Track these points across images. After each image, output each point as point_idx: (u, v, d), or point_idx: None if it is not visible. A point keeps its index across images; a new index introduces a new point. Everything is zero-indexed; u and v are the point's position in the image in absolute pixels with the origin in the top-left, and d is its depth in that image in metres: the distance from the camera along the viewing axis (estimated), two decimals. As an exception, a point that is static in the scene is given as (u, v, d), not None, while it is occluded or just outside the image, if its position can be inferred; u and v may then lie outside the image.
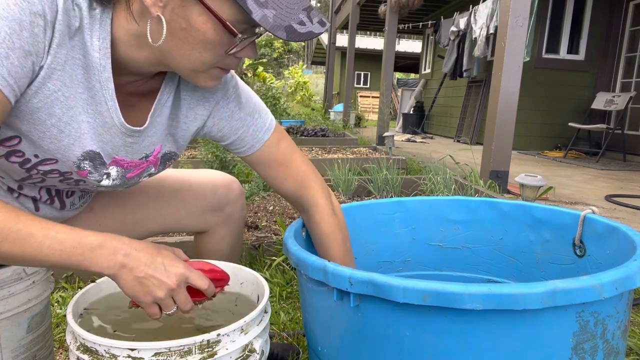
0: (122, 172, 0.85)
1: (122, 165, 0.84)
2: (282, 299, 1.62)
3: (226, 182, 1.10)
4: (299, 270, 0.84)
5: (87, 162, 0.78)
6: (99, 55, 0.71)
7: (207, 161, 3.28)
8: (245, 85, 0.96)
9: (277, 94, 8.50)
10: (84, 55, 0.70)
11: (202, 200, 1.07)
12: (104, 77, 0.72)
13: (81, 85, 0.71)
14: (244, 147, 0.93)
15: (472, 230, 1.20)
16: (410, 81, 14.43)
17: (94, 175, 0.81)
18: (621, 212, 3.01)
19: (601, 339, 0.67)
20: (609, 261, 0.93)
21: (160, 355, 0.63)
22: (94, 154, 0.78)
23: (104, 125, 0.77)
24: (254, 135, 0.93)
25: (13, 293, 0.79)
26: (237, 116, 0.91)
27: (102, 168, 0.81)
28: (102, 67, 0.72)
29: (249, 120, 0.92)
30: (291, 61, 34.14)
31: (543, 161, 5.59)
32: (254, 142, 0.93)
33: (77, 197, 0.94)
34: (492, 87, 3.24)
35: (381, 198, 1.84)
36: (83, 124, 0.74)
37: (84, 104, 0.73)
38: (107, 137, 0.78)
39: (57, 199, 0.89)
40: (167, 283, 0.68)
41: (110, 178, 0.84)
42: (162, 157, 0.90)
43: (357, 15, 9.11)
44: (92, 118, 0.75)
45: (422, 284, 0.63)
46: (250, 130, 0.92)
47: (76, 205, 0.94)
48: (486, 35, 5.99)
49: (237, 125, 0.91)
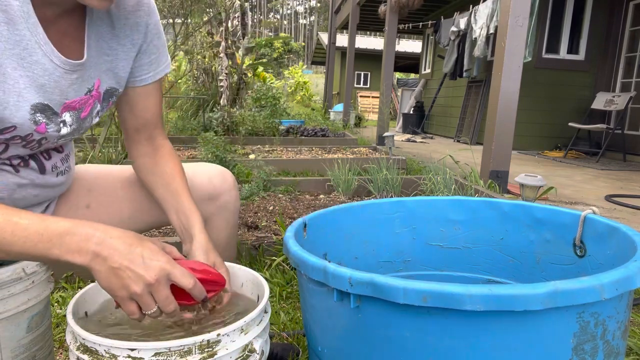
0: (75, 114, 0.84)
1: (74, 107, 0.83)
2: (282, 299, 1.62)
3: (220, 172, 1.13)
4: (299, 271, 0.84)
5: (39, 114, 0.76)
6: (19, 3, 0.68)
7: (207, 161, 3.29)
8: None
9: (277, 94, 8.49)
10: (3, 9, 0.67)
11: (199, 189, 1.08)
12: (30, 22, 0.70)
13: (9, 41, 0.69)
14: (149, 73, 0.95)
15: (473, 230, 1.20)
16: (410, 81, 14.43)
17: (51, 127, 0.80)
18: (621, 212, 3.01)
19: (601, 339, 0.67)
20: (609, 261, 0.93)
21: (160, 355, 0.63)
22: (42, 106, 0.76)
23: (44, 74, 0.75)
24: (158, 64, 0.96)
25: (12, 293, 0.79)
26: (158, 42, 0.95)
27: (56, 117, 0.80)
28: (26, 14, 0.69)
29: (162, 50, 0.96)
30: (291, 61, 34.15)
31: (543, 161, 5.59)
32: (157, 71, 0.97)
33: (59, 160, 0.93)
34: (492, 87, 3.24)
35: (381, 198, 1.84)
36: (20, 79, 0.72)
37: (17, 59, 0.70)
38: (52, 84, 0.76)
39: (32, 161, 0.86)
40: (144, 276, 0.63)
41: (67, 125, 0.83)
42: (104, 94, 0.90)
43: (357, 15, 9.11)
44: (30, 71, 0.73)
45: (423, 284, 0.62)
46: (161, 59, 0.97)
47: (59, 169, 0.93)
48: (486, 35, 5.99)
49: (154, 50, 0.95)
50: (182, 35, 7.12)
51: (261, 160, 3.35)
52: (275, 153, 4.87)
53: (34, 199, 0.91)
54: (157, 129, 1.02)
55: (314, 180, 3.34)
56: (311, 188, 3.30)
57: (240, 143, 5.32)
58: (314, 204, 2.83)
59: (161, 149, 1.01)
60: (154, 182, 0.98)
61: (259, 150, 4.74)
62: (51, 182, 0.92)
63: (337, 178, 3.17)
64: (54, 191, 0.95)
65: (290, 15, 75.17)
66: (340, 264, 1.11)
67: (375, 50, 16.54)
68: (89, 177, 1.06)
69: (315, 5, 70.62)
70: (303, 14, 75.44)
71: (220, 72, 7.51)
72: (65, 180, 0.97)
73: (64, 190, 0.99)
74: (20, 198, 0.88)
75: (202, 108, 7.08)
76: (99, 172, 1.08)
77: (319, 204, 2.87)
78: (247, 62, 8.83)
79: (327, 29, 14.12)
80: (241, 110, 7.04)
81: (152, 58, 0.95)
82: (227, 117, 6.04)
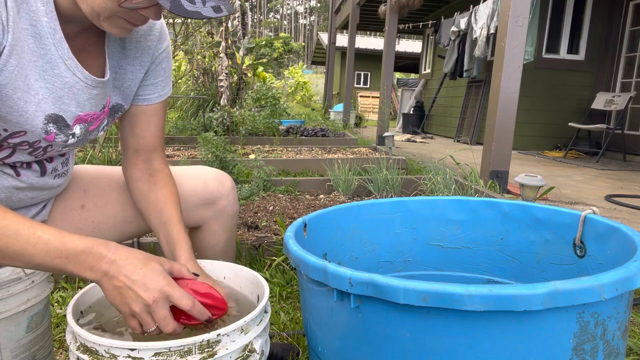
0: (85, 127, 0.87)
1: (86, 120, 0.86)
2: (282, 299, 1.62)
3: (217, 176, 1.11)
4: (299, 271, 0.84)
5: (52, 124, 0.80)
6: (47, 19, 0.73)
7: (206, 161, 3.29)
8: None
9: (277, 94, 8.49)
10: (32, 24, 0.72)
11: (194, 194, 1.07)
12: (56, 38, 0.75)
13: (35, 53, 0.73)
14: (154, 94, 0.97)
15: (473, 230, 1.20)
16: (410, 81, 14.43)
17: (60, 137, 0.82)
18: (621, 212, 3.01)
19: (601, 339, 0.67)
20: (610, 261, 0.93)
21: (160, 355, 0.63)
22: (56, 117, 0.80)
23: (64, 87, 0.79)
24: (163, 86, 0.99)
25: (12, 293, 0.79)
26: (166, 66, 0.98)
27: (67, 129, 0.83)
28: (53, 30, 0.74)
29: (169, 74, 1.00)
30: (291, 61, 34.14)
31: (543, 161, 5.59)
32: (162, 93, 0.99)
33: (60, 164, 0.94)
34: (492, 87, 3.24)
35: (381, 198, 1.84)
36: (40, 90, 0.76)
37: (39, 71, 0.75)
38: (70, 97, 0.80)
39: (35, 163, 0.89)
40: (143, 297, 0.66)
41: (75, 137, 0.86)
42: (111, 109, 0.92)
43: (357, 15, 9.11)
44: (50, 83, 0.77)
45: (423, 285, 0.62)
46: (167, 82, 1.00)
47: (58, 172, 0.94)
48: (487, 35, 5.99)
49: (161, 73, 0.98)
50: (182, 35, 7.12)
51: (261, 160, 3.35)
52: (275, 153, 4.87)
53: (30, 200, 0.92)
54: (156, 152, 1.01)
55: (314, 180, 3.34)
56: (311, 188, 3.30)
57: (240, 143, 5.32)
58: (314, 204, 2.83)
59: (157, 174, 1.00)
60: (146, 210, 0.98)
61: (259, 150, 4.74)
62: (49, 184, 0.93)
63: (337, 178, 3.17)
64: (50, 193, 0.95)
65: (290, 15, 75.15)
66: (340, 264, 1.11)
67: (375, 50, 16.54)
68: (86, 178, 1.06)
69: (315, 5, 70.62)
70: (303, 14, 75.43)
71: (220, 72, 7.51)
72: (62, 182, 0.97)
73: (59, 192, 1.00)
74: (17, 200, 0.89)
75: (202, 108, 7.07)
76: (96, 173, 1.08)
77: (319, 204, 2.87)
78: (247, 62, 8.83)
79: (327, 29, 14.12)
80: (241, 110, 7.04)
81: (159, 80, 0.98)
82: (227, 117, 6.04)
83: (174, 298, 0.68)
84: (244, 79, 8.46)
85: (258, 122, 6.40)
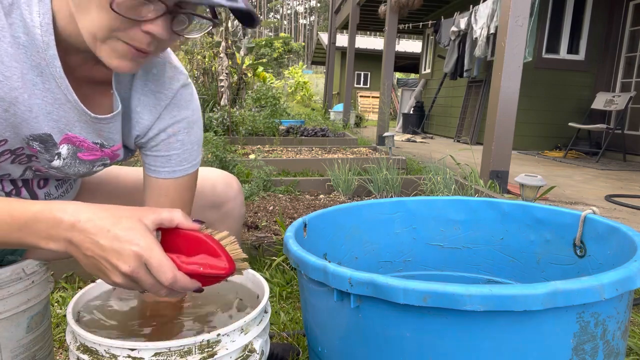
0: (73, 149, 0.79)
1: (74, 142, 0.78)
2: (282, 299, 1.62)
3: (225, 179, 1.10)
4: (299, 271, 0.84)
5: (37, 142, 0.73)
6: (41, 32, 0.66)
7: (207, 161, 3.29)
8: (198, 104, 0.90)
9: (277, 94, 8.49)
10: (25, 33, 0.65)
11: (201, 197, 1.06)
12: (49, 54, 0.67)
13: (25, 65, 0.67)
14: (165, 168, 0.85)
15: (473, 230, 1.20)
16: (410, 81, 14.43)
17: (44, 155, 0.76)
18: (621, 212, 3.01)
19: (601, 339, 0.67)
20: (610, 262, 0.93)
21: (160, 355, 0.63)
22: (45, 136, 0.73)
23: (54, 102, 0.72)
24: (181, 161, 0.86)
25: (12, 293, 0.79)
26: (183, 137, 0.85)
27: (54, 149, 0.76)
28: (46, 45, 0.67)
29: (188, 147, 0.86)
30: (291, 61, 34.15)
31: (543, 161, 5.59)
32: (176, 169, 0.85)
33: (54, 187, 0.89)
34: (492, 87, 3.24)
35: (381, 198, 1.84)
36: (34, 107, 0.69)
37: (28, 84, 0.68)
38: (60, 113, 0.73)
39: (25, 190, 0.84)
40: (118, 267, 0.56)
41: (60, 158, 0.78)
42: (122, 152, 0.86)
43: (357, 15, 9.11)
44: (40, 99, 0.70)
45: (423, 285, 0.62)
46: (185, 155, 0.85)
47: (53, 196, 0.89)
48: (487, 35, 5.99)
49: (177, 147, 0.84)
50: (182, 35, 7.11)
51: (261, 160, 3.35)
52: (275, 153, 4.87)
53: None
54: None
55: (314, 180, 3.34)
56: (311, 188, 3.30)
57: (240, 143, 5.32)
58: (314, 204, 2.83)
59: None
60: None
61: (259, 150, 4.74)
62: None
63: (337, 178, 3.17)
64: None
65: (290, 15, 75.15)
66: (340, 264, 1.11)
67: (375, 50, 16.54)
68: (94, 180, 1.05)
69: (315, 5, 70.61)
70: (303, 14, 75.43)
71: (220, 72, 7.51)
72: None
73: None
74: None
75: (202, 108, 7.08)
76: (106, 174, 1.06)
77: (319, 204, 2.87)
78: (247, 62, 8.84)
79: (327, 29, 14.12)
80: (241, 110, 7.04)
81: (172, 154, 0.84)
82: (227, 117, 6.04)
83: (152, 267, 0.57)
84: (244, 79, 8.46)
85: (258, 122, 6.39)
